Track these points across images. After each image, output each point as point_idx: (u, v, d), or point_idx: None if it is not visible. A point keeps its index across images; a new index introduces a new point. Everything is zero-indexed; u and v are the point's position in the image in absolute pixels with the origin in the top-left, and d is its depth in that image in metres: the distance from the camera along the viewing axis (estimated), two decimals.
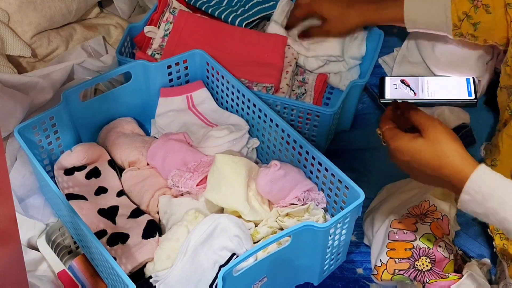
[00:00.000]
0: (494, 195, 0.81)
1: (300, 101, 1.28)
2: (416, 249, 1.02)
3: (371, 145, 1.29)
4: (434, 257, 1.00)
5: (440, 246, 1.01)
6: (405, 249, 1.02)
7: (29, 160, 1.06)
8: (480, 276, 0.97)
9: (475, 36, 1.21)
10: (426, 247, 1.01)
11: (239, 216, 1.02)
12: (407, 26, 1.25)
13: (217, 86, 1.25)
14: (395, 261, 1.02)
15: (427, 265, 1.00)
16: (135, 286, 0.88)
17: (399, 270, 1.01)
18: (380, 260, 1.03)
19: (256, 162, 1.17)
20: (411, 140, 0.87)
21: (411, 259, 1.01)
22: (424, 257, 1.01)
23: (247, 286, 0.96)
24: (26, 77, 1.17)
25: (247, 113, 1.18)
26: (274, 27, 1.39)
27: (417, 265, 1.00)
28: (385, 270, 1.02)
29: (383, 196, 1.16)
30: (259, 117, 1.15)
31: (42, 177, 1.02)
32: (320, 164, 1.05)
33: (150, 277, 0.97)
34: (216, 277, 0.94)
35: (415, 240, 1.03)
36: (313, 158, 1.06)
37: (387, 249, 1.03)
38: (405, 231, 1.04)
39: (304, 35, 1.35)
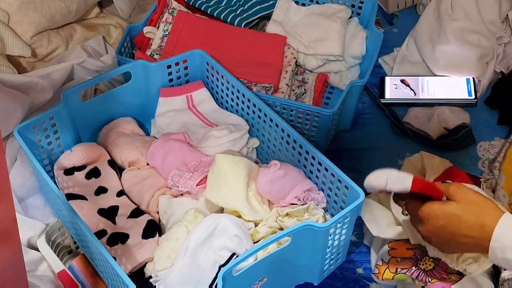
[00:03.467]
0: None
1: (300, 102, 1.27)
2: (418, 248, 1.02)
3: (371, 145, 1.29)
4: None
5: None
6: (407, 249, 1.02)
7: (29, 160, 1.06)
8: (481, 275, 0.97)
9: None
10: None
11: (239, 216, 1.02)
12: None
13: (217, 86, 1.25)
14: (397, 260, 1.02)
15: (430, 265, 1.00)
16: (135, 286, 0.88)
17: (402, 269, 1.01)
18: (382, 259, 1.03)
19: (256, 162, 1.17)
20: (444, 204, 0.83)
21: (413, 258, 1.01)
22: (427, 257, 1.00)
23: (247, 286, 0.96)
24: (26, 77, 1.18)
25: (247, 113, 1.18)
26: (274, 27, 1.39)
27: (420, 264, 1.00)
28: (387, 269, 1.02)
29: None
30: (259, 117, 1.15)
31: (42, 177, 1.02)
32: (320, 164, 1.05)
33: (150, 277, 0.97)
34: (216, 277, 0.94)
35: None
36: (313, 158, 1.06)
37: (389, 248, 1.03)
38: None
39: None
